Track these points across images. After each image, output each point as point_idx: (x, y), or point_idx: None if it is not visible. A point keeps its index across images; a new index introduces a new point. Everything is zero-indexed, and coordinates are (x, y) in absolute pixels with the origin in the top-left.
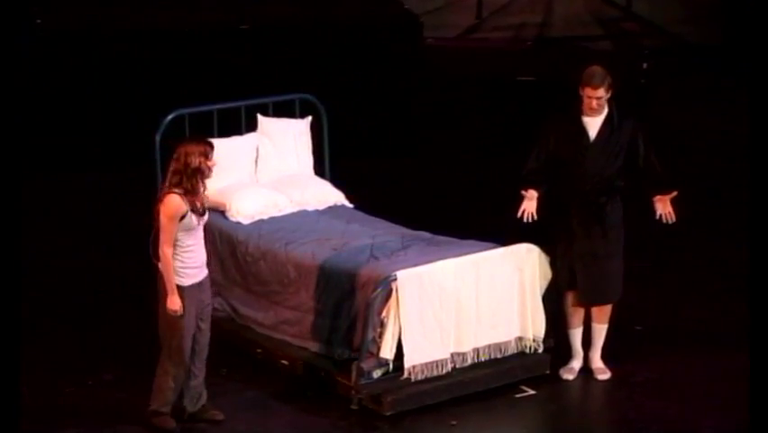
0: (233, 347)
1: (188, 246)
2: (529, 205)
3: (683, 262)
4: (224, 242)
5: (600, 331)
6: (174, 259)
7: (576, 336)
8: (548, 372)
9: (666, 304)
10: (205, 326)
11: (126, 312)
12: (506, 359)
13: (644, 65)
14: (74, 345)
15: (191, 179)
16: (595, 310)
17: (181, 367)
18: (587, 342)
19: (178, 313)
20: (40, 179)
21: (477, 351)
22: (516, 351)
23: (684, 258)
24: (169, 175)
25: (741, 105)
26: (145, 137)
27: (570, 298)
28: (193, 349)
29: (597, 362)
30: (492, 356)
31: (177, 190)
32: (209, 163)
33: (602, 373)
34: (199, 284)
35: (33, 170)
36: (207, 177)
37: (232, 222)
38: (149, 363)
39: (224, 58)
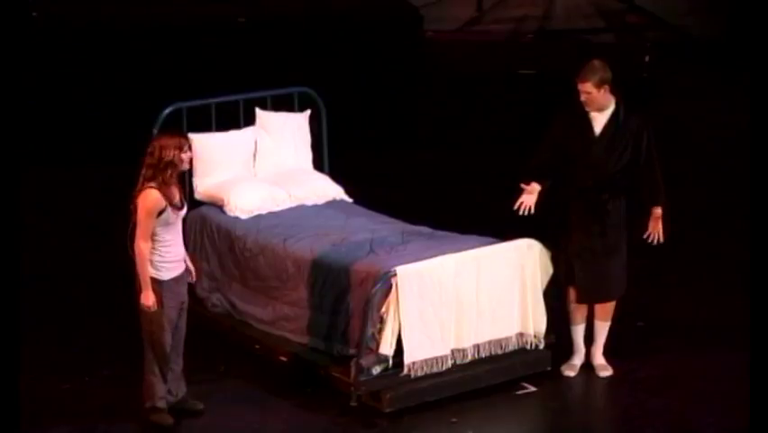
0: (231, 343)
1: (167, 241)
2: (528, 198)
3: (685, 257)
4: (223, 237)
5: (603, 328)
6: (152, 253)
7: (578, 332)
8: (549, 368)
9: (668, 300)
10: (182, 321)
11: (124, 308)
12: (506, 355)
13: (647, 58)
14: (71, 341)
15: (164, 173)
16: (597, 307)
17: (164, 360)
18: (589, 338)
19: (152, 309)
20: (36, 173)
21: (477, 347)
22: (516, 347)
23: (686, 253)
24: (143, 170)
25: (743, 98)
26: (143, 131)
27: (571, 294)
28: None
29: (599, 358)
30: (493, 353)
31: (153, 184)
32: (184, 156)
33: (604, 369)
34: (178, 278)
35: (30, 164)
36: (183, 169)
37: (230, 217)
38: None
39: (221, 51)
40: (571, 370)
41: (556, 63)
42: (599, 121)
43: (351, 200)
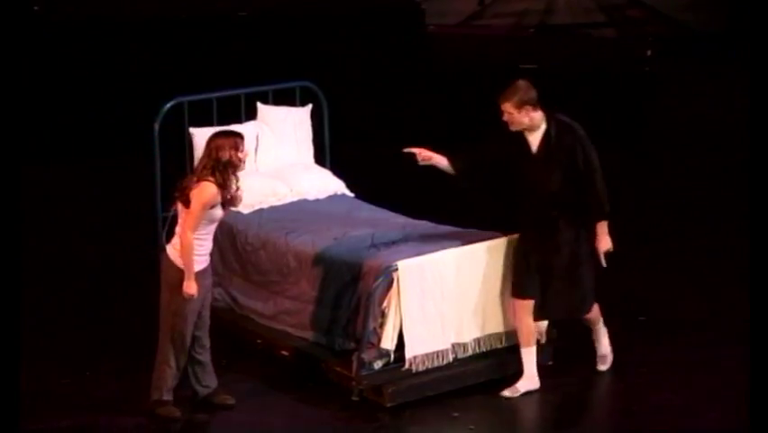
0: (233, 338)
1: (202, 235)
2: (427, 153)
3: (688, 251)
4: (224, 231)
5: (599, 330)
6: None
7: (529, 355)
8: (551, 363)
9: (670, 294)
10: (206, 313)
11: (126, 302)
12: (507, 350)
13: (648, 52)
14: (72, 335)
15: (223, 174)
16: (586, 319)
17: (182, 353)
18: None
19: (195, 297)
20: (40, 168)
21: (478, 341)
22: (517, 341)
23: (689, 248)
24: (198, 169)
25: (744, 92)
26: (144, 125)
27: (519, 309)
28: (195, 337)
29: (605, 348)
30: (494, 347)
31: (212, 179)
32: (240, 155)
33: (603, 362)
34: (203, 271)
35: (32, 159)
36: (240, 169)
37: (231, 211)
38: (148, 353)
39: (223, 45)
40: (511, 392)
41: (557, 57)
42: (534, 140)
43: (352, 195)
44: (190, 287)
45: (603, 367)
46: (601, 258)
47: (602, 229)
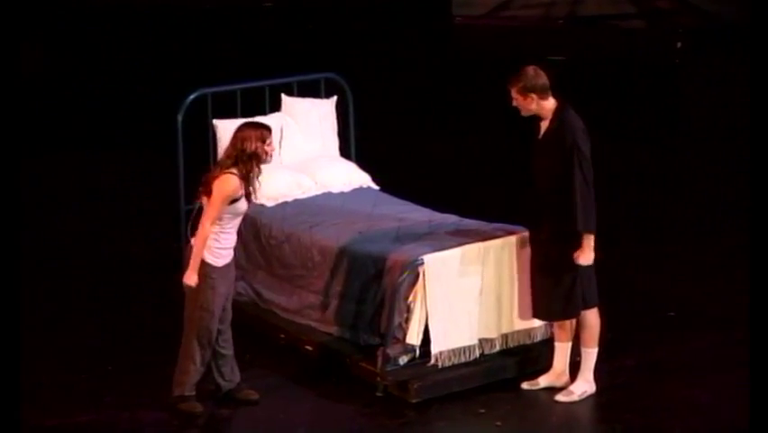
0: (257, 332)
1: (228, 228)
2: None
3: (720, 247)
4: (248, 224)
5: (586, 355)
6: (211, 239)
7: (558, 350)
8: (578, 358)
9: (701, 290)
10: (229, 306)
11: (148, 296)
12: (534, 345)
13: (678, 44)
14: (94, 329)
15: (247, 165)
16: (580, 332)
17: (207, 349)
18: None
19: (192, 288)
20: (62, 158)
21: (505, 337)
22: (545, 337)
23: (721, 243)
24: (222, 158)
25: None
26: (167, 117)
27: None
28: (218, 330)
29: (575, 382)
30: (521, 343)
31: (234, 171)
32: (267, 148)
33: (566, 394)
34: (229, 265)
35: (55, 149)
36: (265, 162)
37: (255, 204)
38: (170, 347)
39: (247, 36)
40: (529, 384)
41: (586, 49)
42: (542, 129)
43: (377, 188)
44: (190, 277)
45: (561, 398)
46: (580, 258)
47: (585, 242)
